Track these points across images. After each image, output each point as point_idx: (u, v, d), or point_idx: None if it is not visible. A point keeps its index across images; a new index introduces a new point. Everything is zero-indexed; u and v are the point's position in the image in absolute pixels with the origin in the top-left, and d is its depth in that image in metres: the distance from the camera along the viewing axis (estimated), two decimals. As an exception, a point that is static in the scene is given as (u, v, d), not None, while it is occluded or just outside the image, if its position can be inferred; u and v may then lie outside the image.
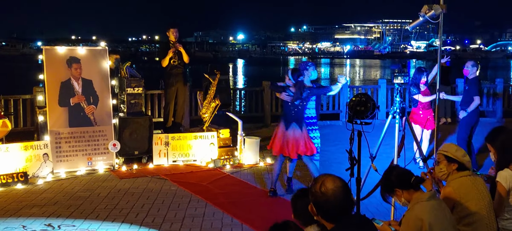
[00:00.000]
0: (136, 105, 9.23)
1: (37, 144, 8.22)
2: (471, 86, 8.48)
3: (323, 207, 2.88)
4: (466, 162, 4.10)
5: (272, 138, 7.36)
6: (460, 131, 8.56)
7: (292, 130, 7.02)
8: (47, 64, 8.49)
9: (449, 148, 4.21)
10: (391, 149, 7.07)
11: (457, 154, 4.13)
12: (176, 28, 10.21)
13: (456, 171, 4.14)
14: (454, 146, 4.24)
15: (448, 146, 4.26)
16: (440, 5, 5.96)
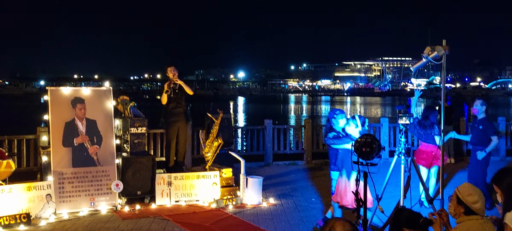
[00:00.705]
0: (140, 145, 9.23)
1: (40, 185, 8.20)
2: (486, 126, 8.48)
3: None
4: (476, 209, 4.04)
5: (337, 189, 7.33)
6: (478, 171, 8.45)
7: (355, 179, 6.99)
8: (52, 104, 8.54)
9: (464, 189, 4.14)
10: (394, 188, 7.09)
11: (468, 199, 4.07)
12: (173, 66, 10.26)
13: (463, 214, 4.10)
14: (470, 189, 4.15)
15: (465, 187, 4.17)
16: (442, 46, 6.02)
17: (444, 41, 6.02)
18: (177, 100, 10.26)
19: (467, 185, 4.24)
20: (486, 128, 8.47)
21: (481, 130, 8.49)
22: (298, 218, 8.23)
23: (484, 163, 8.44)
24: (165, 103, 10.24)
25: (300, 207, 8.97)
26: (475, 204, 4.06)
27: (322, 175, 11.93)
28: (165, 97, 10.15)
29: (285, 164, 13.47)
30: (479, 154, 8.45)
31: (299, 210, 8.76)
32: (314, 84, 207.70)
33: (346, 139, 6.91)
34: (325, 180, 11.30)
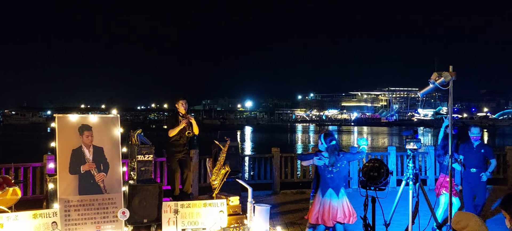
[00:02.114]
0: (146, 172, 9.21)
1: (46, 212, 8.17)
2: (487, 150, 9.24)
3: None
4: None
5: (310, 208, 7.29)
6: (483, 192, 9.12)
7: (329, 196, 6.90)
8: (59, 131, 8.56)
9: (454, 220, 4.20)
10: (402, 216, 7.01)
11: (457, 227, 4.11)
12: (185, 100, 10.26)
13: None
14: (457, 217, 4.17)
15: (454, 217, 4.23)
16: (449, 73, 6.01)
17: (451, 67, 6.02)
18: (181, 133, 10.22)
19: (456, 214, 4.26)
20: (487, 151, 9.21)
21: (483, 153, 9.14)
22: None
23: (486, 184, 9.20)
24: (172, 136, 10.15)
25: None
26: (466, 228, 4.04)
27: (329, 204, 11.86)
28: (176, 131, 10.04)
29: (292, 192, 13.39)
30: (484, 176, 9.06)
31: (306, 238, 8.66)
32: (321, 114, 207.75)
33: (309, 156, 7.23)
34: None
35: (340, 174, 6.96)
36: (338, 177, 6.91)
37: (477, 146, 9.21)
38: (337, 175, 6.90)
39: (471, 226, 4.02)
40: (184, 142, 10.33)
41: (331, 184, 6.89)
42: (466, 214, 4.20)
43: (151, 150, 9.27)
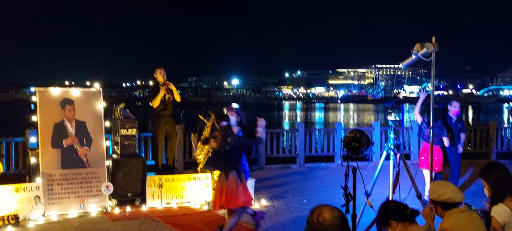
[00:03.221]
0: (130, 147, 9.18)
1: (28, 186, 8.12)
2: (462, 124, 9.66)
3: None
4: (447, 199, 4.07)
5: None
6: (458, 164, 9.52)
7: (224, 179, 6.75)
8: (41, 105, 8.48)
9: (430, 190, 4.26)
10: (385, 188, 7.07)
11: (434, 196, 4.15)
12: (163, 68, 10.17)
13: (442, 210, 4.12)
14: (432, 187, 4.24)
15: (430, 187, 4.28)
16: (432, 43, 6.03)
17: (434, 38, 6.03)
18: (166, 103, 10.17)
19: (431, 185, 4.33)
20: (462, 126, 9.64)
21: (460, 128, 9.53)
22: (289, 218, 8.20)
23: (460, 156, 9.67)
24: (156, 106, 10.10)
25: (292, 208, 8.93)
26: (441, 196, 4.08)
27: (314, 178, 11.93)
28: (158, 100, 10.00)
29: (278, 167, 13.44)
30: (460, 148, 9.50)
31: (290, 211, 8.73)
32: (308, 92, 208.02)
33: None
34: (317, 182, 11.31)
35: (230, 155, 6.79)
36: (229, 159, 6.78)
37: (456, 121, 9.47)
38: (228, 157, 6.79)
39: (447, 193, 4.07)
40: (170, 113, 10.29)
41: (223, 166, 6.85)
42: (442, 183, 4.25)
43: (134, 124, 9.23)
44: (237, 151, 6.78)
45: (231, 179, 6.64)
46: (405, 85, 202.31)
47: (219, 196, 6.72)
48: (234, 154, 6.73)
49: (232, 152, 6.69)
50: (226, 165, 6.74)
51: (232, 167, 6.69)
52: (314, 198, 9.69)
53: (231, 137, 6.70)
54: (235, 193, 6.61)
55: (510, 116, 17.28)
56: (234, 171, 6.69)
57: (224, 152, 6.69)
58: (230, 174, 6.65)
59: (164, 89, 9.98)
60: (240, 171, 6.79)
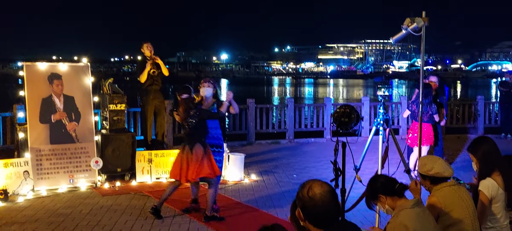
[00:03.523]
0: (119, 122, 9.14)
1: (17, 161, 8.09)
2: (442, 98, 9.78)
3: (311, 212, 2.84)
4: (435, 174, 4.11)
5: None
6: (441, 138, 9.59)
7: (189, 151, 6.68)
8: (28, 80, 8.40)
9: (419, 164, 4.30)
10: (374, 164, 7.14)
11: (423, 170, 4.20)
12: (149, 42, 10.08)
13: (431, 185, 4.16)
14: (422, 160, 4.29)
15: (419, 161, 4.33)
16: (422, 18, 6.02)
17: (424, 13, 6.02)
18: (154, 78, 10.12)
19: (421, 159, 4.37)
20: (442, 100, 9.75)
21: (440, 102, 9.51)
22: (279, 193, 8.25)
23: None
24: (144, 81, 10.05)
25: (282, 183, 8.98)
26: (431, 171, 4.13)
27: (303, 153, 11.98)
28: (145, 75, 9.95)
29: (267, 142, 13.48)
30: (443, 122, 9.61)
31: (280, 186, 8.78)
32: (297, 67, 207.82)
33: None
34: (307, 158, 11.36)
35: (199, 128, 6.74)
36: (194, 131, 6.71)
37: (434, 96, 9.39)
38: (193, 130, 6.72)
39: (436, 168, 4.10)
40: (158, 88, 10.23)
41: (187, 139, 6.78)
42: (431, 157, 4.28)
43: (123, 99, 9.18)
44: (201, 123, 6.71)
45: (196, 151, 6.59)
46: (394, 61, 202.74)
47: (186, 169, 6.66)
48: (198, 126, 6.67)
49: (198, 124, 6.66)
50: (191, 138, 6.67)
51: (197, 139, 6.63)
52: (303, 173, 9.75)
53: (193, 110, 6.65)
54: (200, 165, 6.58)
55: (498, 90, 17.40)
56: (199, 143, 6.62)
57: (188, 124, 6.66)
58: (195, 146, 6.60)
59: (150, 63, 9.91)
60: (205, 143, 6.70)
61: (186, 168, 6.64)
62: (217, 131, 7.00)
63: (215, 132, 6.97)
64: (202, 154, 6.61)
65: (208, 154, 6.70)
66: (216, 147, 7.01)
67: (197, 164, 6.59)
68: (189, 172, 6.63)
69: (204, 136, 6.75)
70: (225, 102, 6.94)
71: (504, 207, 4.44)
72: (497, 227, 4.41)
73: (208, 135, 6.87)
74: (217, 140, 7.00)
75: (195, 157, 6.60)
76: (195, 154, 6.60)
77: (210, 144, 6.89)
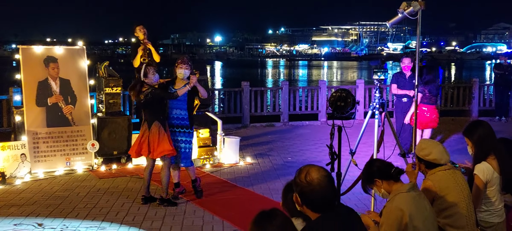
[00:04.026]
0: (115, 105, 9.16)
1: (14, 144, 8.11)
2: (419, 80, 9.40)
3: (309, 197, 2.89)
4: (432, 160, 4.15)
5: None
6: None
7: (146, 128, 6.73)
8: (24, 63, 8.39)
9: (417, 146, 4.32)
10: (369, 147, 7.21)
11: (421, 153, 4.23)
12: (142, 25, 9.99)
13: (427, 169, 4.21)
14: (421, 144, 4.30)
15: (418, 144, 4.35)
16: (418, 2, 6.04)
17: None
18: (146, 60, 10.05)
19: (420, 142, 4.38)
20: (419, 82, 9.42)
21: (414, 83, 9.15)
22: (274, 175, 8.31)
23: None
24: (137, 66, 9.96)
25: (277, 165, 9.05)
26: (428, 156, 4.17)
27: (298, 136, 12.04)
28: (138, 60, 9.87)
29: (262, 125, 13.54)
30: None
31: (275, 168, 8.84)
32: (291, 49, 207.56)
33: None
34: (301, 141, 11.42)
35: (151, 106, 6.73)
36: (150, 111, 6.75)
37: (409, 77, 9.38)
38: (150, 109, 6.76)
39: (434, 153, 4.15)
40: None
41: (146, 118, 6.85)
42: (431, 142, 4.31)
43: (119, 82, 9.20)
44: (158, 102, 6.69)
45: (153, 129, 6.62)
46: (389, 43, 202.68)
47: (138, 145, 6.76)
48: (156, 105, 6.68)
49: (153, 103, 6.66)
50: (149, 116, 6.71)
51: (155, 117, 6.65)
52: (298, 156, 9.81)
53: (146, 89, 6.66)
54: (157, 143, 6.60)
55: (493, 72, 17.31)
56: (157, 121, 6.63)
57: (143, 103, 6.70)
58: (153, 124, 6.63)
59: (141, 49, 9.78)
60: (163, 122, 6.69)
61: (146, 146, 6.68)
62: (182, 112, 6.85)
63: (179, 113, 6.85)
64: (158, 132, 6.63)
65: (167, 132, 6.70)
66: (181, 128, 6.88)
67: (156, 142, 6.61)
68: (151, 149, 6.66)
69: (161, 115, 6.74)
70: (186, 87, 6.73)
71: (499, 191, 4.50)
72: (492, 210, 4.47)
73: (173, 116, 6.84)
74: (182, 120, 6.87)
75: (152, 135, 6.63)
76: (152, 133, 6.63)
77: (175, 125, 6.85)
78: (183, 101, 6.85)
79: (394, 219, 3.55)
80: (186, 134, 6.91)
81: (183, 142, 6.89)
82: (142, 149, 6.74)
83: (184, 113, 6.87)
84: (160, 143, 6.62)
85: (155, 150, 6.64)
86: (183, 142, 6.89)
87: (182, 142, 6.89)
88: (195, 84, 6.79)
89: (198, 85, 6.86)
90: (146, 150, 6.70)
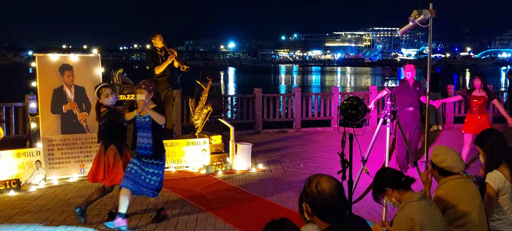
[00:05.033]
0: (129, 112, 9.23)
1: (29, 151, 8.22)
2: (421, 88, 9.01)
3: (320, 207, 2.90)
4: (446, 167, 4.14)
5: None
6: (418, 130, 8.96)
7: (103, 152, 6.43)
8: (40, 71, 8.51)
9: (433, 152, 4.29)
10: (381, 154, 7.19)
11: (435, 160, 4.21)
12: (161, 34, 10.06)
13: (439, 176, 4.21)
14: (437, 150, 4.26)
15: (434, 149, 4.32)
16: (429, 10, 6.05)
17: (431, 5, 6.05)
18: (165, 69, 10.13)
19: (435, 147, 4.35)
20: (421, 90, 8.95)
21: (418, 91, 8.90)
22: (286, 183, 8.33)
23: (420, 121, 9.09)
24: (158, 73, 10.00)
25: (289, 172, 9.06)
26: (443, 163, 4.15)
27: (311, 142, 12.04)
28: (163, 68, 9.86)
29: (274, 131, 13.56)
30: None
31: (287, 175, 8.86)
32: (304, 55, 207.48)
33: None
34: (314, 147, 11.43)
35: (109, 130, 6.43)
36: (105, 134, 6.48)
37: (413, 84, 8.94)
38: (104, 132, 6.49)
39: (449, 161, 4.13)
40: (167, 78, 10.26)
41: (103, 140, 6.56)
42: (446, 148, 4.28)
43: (133, 90, 9.26)
44: (113, 126, 6.36)
45: (109, 154, 6.33)
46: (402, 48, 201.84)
47: (95, 169, 6.41)
48: (111, 129, 6.37)
49: (108, 126, 6.37)
50: (105, 139, 6.42)
51: (111, 141, 6.35)
52: (310, 163, 9.82)
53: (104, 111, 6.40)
54: (109, 170, 6.31)
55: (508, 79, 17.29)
56: (113, 145, 6.34)
57: (103, 125, 6.44)
58: (109, 148, 6.35)
59: (173, 57, 9.83)
60: (120, 147, 6.39)
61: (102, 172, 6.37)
62: (144, 140, 6.16)
63: (142, 141, 6.18)
64: (114, 157, 6.33)
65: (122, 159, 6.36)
66: (144, 157, 6.15)
67: (110, 168, 6.32)
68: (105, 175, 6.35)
69: (119, 140, 6.43)
70: (133, 112, 6.15)
71: (511, 199, 4.49)
72: (504, 219, 4.46)
73: (137, 144, 6.23)
74: (144, 150, 6.15)
75: (107, 160, 6.33)
76: (107, 157, 6.34)
77: (138, 154, 6.21)
78: (147, 128, 6.16)
79: (405, 228, 3.55)
80: (149, 165, 6.17)
81: (147, 173, 6.16)
82: (99, 175, 6.38)
83: (147, 142, 6.15)
84: (112, 170, 6.31)
85: (107, 178, 6.34)
86: (148, 173, 6.16)
87: (148, 173, 6.16)
88: (148, 111, 6.06)
89: (152, 112, 6.06)
90: (102, 176, 6.38)
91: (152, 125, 6.12)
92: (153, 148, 6.13)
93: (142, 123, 6.16)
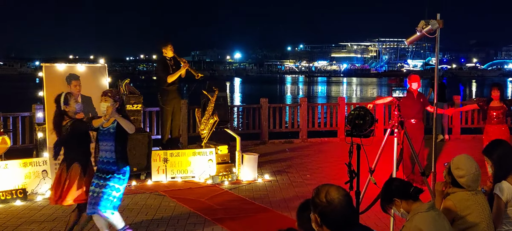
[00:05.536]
0: (135, 122, 9.23)
1: (36, 161, 8.23)
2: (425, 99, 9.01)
3: (329, 217, 2.86)
4: (461, 183, 4.08)
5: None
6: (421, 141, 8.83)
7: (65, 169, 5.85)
8: (47, 81, 8.54)
9: (454, 161, 4.17)
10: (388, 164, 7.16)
11: (454, 172, 4.13)
12: (171, 44, 10.12)
13: (451, 184, 4.17)
14: (459, 162, 4.15)
15: (457, 159, 4.18)
16: (437, 21, 6.03)
17: (438, 15, 6.03)
18: (175, 79, 10.17)
19: (460, 158, 4.23)
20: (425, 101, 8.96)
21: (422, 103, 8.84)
22: (292, 193, 8.30)
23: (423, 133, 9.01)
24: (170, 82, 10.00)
25: (295, 183, 9.03)
26: (461, 178, 4.09)
27: (316, 153, 12.01)
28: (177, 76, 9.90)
29: (280, 141, 13.53)
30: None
31: (293, 186, 8.83)
32: (310, 66, 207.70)
33: None
34: (320, 158, 11.39)
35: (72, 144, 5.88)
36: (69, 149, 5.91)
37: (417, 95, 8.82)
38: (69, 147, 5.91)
39: (466, 179, 4.03)
40: (176, 88, 10.29)
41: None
42: (469, 164, 4.13)
43: (139, 100, 9.30)
44: (77, 138, 5.83)
45: (73, 172, 5.77)
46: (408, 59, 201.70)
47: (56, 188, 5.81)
48: (75, 141, 5.81)
49: (72, 138, 5.80)
50: (68, 154, 5.87)
51: (75, 157, 5.80)
52: (317, 173, 9.79)
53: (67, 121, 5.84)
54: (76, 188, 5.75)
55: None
56: (77, 163, 5.77)
57: (65, 139, 5.82)
58: (73, 165, 5.77)
59: (187, 66, 9.95)
60: (85, 164, 5.86)
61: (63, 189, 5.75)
62: (109, 154, 5.67)
63: (105, 155, 5.69)
64: (78, 176, 5.76)
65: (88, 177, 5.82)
66: (105, 173, 5.63)
67: (72, 186, 5.74)
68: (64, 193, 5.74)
69: (83, 154, 5.90)
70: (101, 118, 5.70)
71: (520, 210, 4.44)
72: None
73: (100, 159, 5.73)
74: (107, 165, 5.65)
75: (71, 178, 5.75)
76: (71, 175, 5.76)
77: (101, 170, 5.69)
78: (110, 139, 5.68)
79: (413, 239, 3.52)
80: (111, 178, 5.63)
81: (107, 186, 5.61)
82: (62, 197, 5.75)
83: (110, 156, 5.66)
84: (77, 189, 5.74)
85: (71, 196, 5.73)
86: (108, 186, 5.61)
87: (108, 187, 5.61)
88: (116, 117, 5.59)
89: (121, 119, 5.59)
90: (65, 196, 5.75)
91: (117, 135, 5.62)
92: (116, 161, 5.60)
93: (105, 133, 5.66)
